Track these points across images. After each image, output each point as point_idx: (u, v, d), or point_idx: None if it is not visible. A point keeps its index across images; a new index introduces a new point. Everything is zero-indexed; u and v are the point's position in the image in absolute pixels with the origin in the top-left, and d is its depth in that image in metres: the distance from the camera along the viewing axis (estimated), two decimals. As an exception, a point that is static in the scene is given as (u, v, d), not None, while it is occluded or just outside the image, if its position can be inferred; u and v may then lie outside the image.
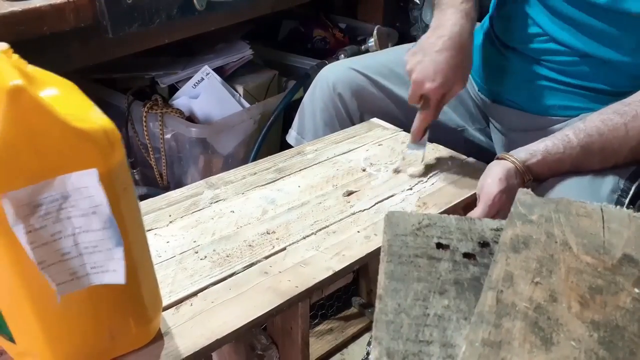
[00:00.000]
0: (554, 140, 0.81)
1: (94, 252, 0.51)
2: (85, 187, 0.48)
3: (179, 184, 1.39)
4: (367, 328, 1.23)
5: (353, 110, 1.14)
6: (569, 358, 0.38)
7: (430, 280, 0.48)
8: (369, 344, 0.87)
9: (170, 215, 0.84)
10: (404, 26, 1.23)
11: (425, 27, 1.58)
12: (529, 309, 0.42)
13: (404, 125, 1.09)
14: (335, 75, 1.14)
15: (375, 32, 1.52)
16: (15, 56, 0.49)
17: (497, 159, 0.83)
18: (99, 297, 0.54)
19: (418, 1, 1.63)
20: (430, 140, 1.02)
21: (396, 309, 0.45)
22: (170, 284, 0.70)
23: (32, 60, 0.50)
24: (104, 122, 0.50)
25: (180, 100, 1.45)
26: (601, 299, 0.43)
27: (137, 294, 0.58)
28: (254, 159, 1.38)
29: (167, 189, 1.40)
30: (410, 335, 0.43)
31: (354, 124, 1.14)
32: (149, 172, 1.50)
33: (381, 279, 0.49)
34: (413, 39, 1.64)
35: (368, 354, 0.83)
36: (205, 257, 0.76)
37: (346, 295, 1.30)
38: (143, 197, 0.96)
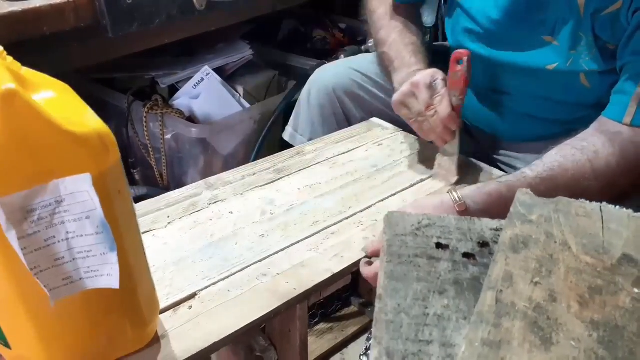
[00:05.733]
0: (507, 176, 0.79)
1: (87, 257, 0.50)
2: (79, 191, 0.48)
3: (179, 184, 1.39)
4: (367, 327, 1.23)
5: (350, 109, 1.14)
6: (569, 358, 0.38)
7: (430, 280, 0.48)
8: (368, 339, 0.87)
9: (168, 217, 0.84)
10: (404, 26, 1.25)
11: (425, 29, 1.58)
12: (529, 308, 0.42)
13: (403, 125, 1.09)
14: (332, 74, 1.14)
15: (375, 32, 1.52)
16: (9, 58, 0.48)
17: None
18: (94, 301, 0.54)
19: (418, 1, 1.62)
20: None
21: (396, 309, 0.45)
22: (168, 286, 0.70)
23: (32, 60, 0.50)
24: (98, 125, 0.50)
25: (181, 100, 1.45)
26: (601, 299, 0.43)
27: (132, 297, 0.57)
28: (255, 159, 1.38)
29: (167, 189, 1.40)
30: (410, 335, 0.43)
31: (351, 122, 1.14)
32: (149, 172, 1.50)
33: (381, 279, 0.49)
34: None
35: (367, 349, 0.83)
36: (204, 259, 0.75)
37: (346, 294, 1.31)
38: (143, 197, 0.96)
